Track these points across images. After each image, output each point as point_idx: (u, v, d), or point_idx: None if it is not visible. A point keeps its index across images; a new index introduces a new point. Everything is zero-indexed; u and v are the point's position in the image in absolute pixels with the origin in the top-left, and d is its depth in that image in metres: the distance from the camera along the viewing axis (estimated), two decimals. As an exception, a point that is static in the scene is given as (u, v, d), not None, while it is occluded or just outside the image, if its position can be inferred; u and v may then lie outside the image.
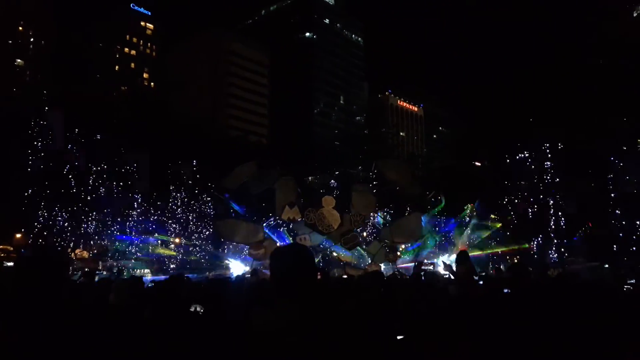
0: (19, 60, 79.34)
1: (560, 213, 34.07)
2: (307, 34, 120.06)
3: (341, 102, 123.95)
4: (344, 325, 2.14)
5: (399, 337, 3.62)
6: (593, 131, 34.31)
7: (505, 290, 5.05)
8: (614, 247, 30.67)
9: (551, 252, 33.67)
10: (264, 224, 20.18)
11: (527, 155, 35.72)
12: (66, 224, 32.87)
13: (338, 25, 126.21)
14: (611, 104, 38.64)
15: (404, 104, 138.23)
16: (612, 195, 32.17)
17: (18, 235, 33.39)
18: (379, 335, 2.69)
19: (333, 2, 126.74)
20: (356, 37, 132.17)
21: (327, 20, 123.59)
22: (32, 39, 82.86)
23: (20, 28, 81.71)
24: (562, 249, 33.33)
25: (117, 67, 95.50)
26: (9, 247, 33.50)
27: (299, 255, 2.22)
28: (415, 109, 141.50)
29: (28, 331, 2.11)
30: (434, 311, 4.46)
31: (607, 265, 25.86)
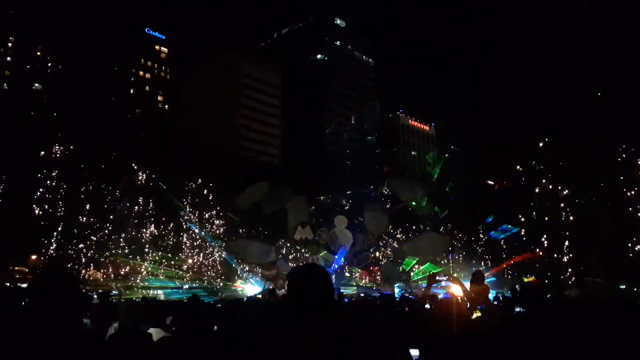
0: (37, 85, 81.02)
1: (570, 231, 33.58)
2: (319, 56, 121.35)
3: (353, 122, 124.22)
4: (360, 345, 2.14)
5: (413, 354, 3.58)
6: (605, 148, 33.91)
7: (517, 310, 4.94)
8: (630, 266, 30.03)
9: (568, 271, 33.07)
10: None
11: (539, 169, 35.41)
12: (80, 245, 33.12)
13: (349, 46, 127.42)
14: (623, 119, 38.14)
15: (416, 123, 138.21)
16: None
17: (33, 257, 33.64)
18: (393, 353, 2.69)
19: (344, 24, 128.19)
20: (367, 58, 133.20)
21: (338, 42, 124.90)
22: (49, 64, 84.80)
23: (39, 53, 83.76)
24: (579, 268, 32.72)
25: (132, 90, 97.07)
26: (24, 269, 33.75)
27: (317, 276, 2.23)
28: (427, 128, 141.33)
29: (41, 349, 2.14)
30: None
31: (623, 286, 25.37)
